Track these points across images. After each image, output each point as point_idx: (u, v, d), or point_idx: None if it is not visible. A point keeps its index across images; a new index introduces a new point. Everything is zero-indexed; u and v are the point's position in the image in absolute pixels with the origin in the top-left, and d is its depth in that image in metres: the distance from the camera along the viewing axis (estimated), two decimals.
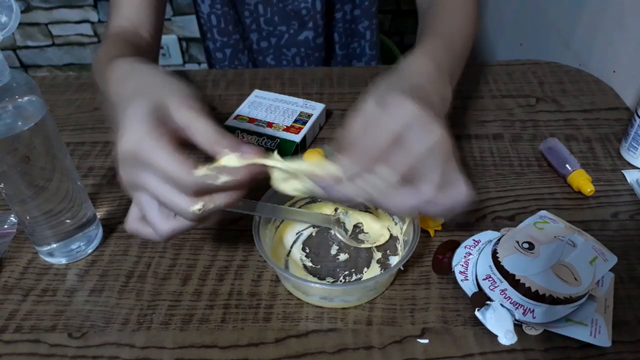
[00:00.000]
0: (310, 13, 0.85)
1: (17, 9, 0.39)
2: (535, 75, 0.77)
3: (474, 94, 0.73)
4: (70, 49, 1.88)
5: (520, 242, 0.44)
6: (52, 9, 1.76)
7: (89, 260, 0.52)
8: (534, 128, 0.67)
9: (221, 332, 0.45)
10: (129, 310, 0.47)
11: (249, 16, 0.87)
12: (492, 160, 0.62)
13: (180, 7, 1.76)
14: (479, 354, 0.42)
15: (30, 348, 0.44)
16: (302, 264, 0.50)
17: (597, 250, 0.44)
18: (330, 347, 0.43)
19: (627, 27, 0.71)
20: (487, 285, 0.44)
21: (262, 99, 0.68)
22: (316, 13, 0.85)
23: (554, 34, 0.96)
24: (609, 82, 0.75)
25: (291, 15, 0.86)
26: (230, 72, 0.80)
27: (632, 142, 0.60)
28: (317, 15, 0.86)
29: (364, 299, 0.46)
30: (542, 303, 0.41)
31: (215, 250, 0.52)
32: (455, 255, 0.48)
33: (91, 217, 0.52)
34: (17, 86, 0.41)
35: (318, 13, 0.85)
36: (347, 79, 0.77)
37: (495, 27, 1.29)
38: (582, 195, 0.57)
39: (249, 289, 0.48)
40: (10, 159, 0.43)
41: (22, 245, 0.53)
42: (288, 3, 0.85)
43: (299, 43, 0.90)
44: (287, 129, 0.63)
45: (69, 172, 0.48)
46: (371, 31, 0.93)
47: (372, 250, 0.51)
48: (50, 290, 0.49)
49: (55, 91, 0.76)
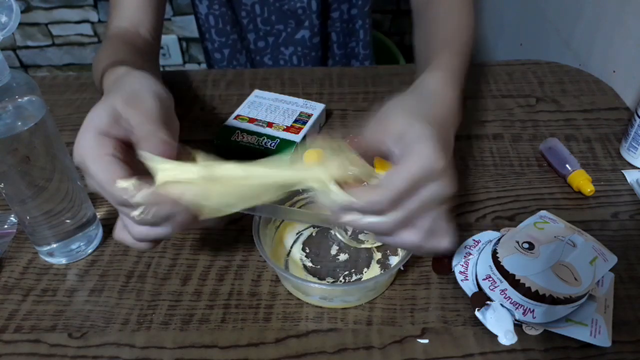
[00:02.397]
0: (306, 12, 0.86)
1: (17, 9, 0.39)
2: (535, 75, 0.77)
3: (474, 94, 0.73)
4: (70, 49, 1.88)
5: (520, 242, 0.44)
6: (52, 9, 1.76)
7: (89, 260, 0.52)
8: (534, 128, 0.67)
9: (221, 332, 0.45)
10: (129, 310, 0.47)
11: (245, 16, 0.87)
12: (492, 160, 0.62)
13: (180, 7, 1.76)
14: (479, 354, 0.42)
15: (30, 348, 0.44)
16: (302, 264, 0.50)
17: (597, 250, 0.44)
18: (330, 347, 0.43)
19: (627, 27, 0.71)
20: (487, 285, 0.44)
21: (262, 99, 0.68)
22: (312, 12, 0.85)
23: (554, 34, 0.96)
24: (609, 82, 0.75)
25: (288, 14, 0.86)
26: (230, 72, 0.80)
27: (632, 142, 0.60)
28: (313, 15, 0.86)
29: (364, 299, 0.46)
30: (542, 303, 0.41)
31: (215, 250, 0.52)
32: (455, 255, 0.48)
33: (91, 217, 0.52)
34: (17, 86, 0.41)
35: (314, 12, 0.85)
36: (347, 78, 0.77)
37: (495, 27, 1.29)
38: (582, 195, 0.57)
39: (249, 289, 0.48)
40: (10, 159, 0.43)
41: (22, 245, 0.53)
42: (284, 2, 0.85)
43: (295, 42, 0.90)
44: (287, 129, 0.63)
45: (69, 172, 0.48)
46: (364, 30, 0.93)
47: (372, 250, 0.51)
48: (50, 290, 0.49)
49: (55, 91, 0.76)
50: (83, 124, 0.38)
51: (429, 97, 0.44)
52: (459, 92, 0.47)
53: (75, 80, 0.79)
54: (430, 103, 0.43)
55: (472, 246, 0.48)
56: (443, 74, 0.47)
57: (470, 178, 0.59)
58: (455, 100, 0.45)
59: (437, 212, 0.38)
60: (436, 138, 0.38)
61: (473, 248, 0.48)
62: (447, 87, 0.46)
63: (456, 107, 0.45)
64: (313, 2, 0.84)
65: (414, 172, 0.37)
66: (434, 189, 0.37)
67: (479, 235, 0.50)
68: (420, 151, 0.37)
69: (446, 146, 0.39)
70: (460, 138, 0.65)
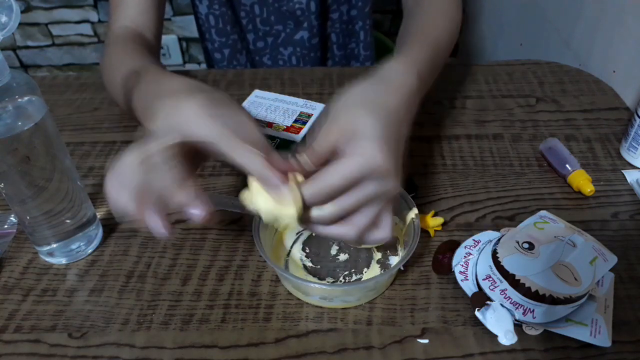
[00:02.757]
0: (305, 14, 0.85)
1: (17, 9, 0.39)
2: (535, 75, 0.77)
3: (474, 94, 0.73)
4: (70, 49, 1.88)
5: (520, 242, 0.44)
6: (52, 9, 1.76)
7: (89, 260, 0.52)
8: (534, 128, 0.67)
9: (221, 332, 0.45)
10: (129, 310, 0.47)
11: (245, 16, 0.87)
12: (492, 160, 0.62)
13: (180, 7, 1.76)
14: (479, 354, 0.42)
15: (30, 348, 0.44)
16: (302, 264, 0.50)
17: (597, 250, 0.44)
18: (330, 347, 0.43)
19: (627, 27, 0.71)
20: (487, 285, 0.44)
21: (262, 99, 0.68)
22: (310, 14, 0.85)
23: (554, 34, 0.96)
24: (609, 82, 0.75)
25: (286, 15, 0.86)
26: (230, 72, 0.80)
27: (632, 142, 0.60)
28: (312, 16, 0.86)
29: (364, 299, 0.46)
30: (542, 303, 0.41)
31: (215, 250, 0.52)
32: (455, 255, 0.48)
33: (91, 217, 0.52)
34: (17, 86, 0.41)
35: (312, 14, 0.85)
36: (347, 79, 0.77)
37: (495, 27, 1.29)
38: (582, 195, 0.57)
39: (249, 289, 0.48)
40: (10, 159, 0.43)
41: (22, 245, 0.53)
42: (283, 3, 0.85)
43: (294, 43, 0.90)
44: (287, 129, 0.63)
45: (69, 172, 0.48)
46: (364, 32, 0.92)
47: (372, 250, 0.51)
48: (50, 290, 0.49)
49: (55, 91, 0.76)
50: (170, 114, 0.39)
51: (384, 86, 0.44)
52: (420, 82, 0.47)
53: (75, 80, 0.79)
54: (384, 92, 0.43)
55: (472, 246, 0.48)
56: (404, 62, 0.48)
57: (470, 178, 0.59)
58: (412, 89, 0.45)
59: (377, 207, 0.40)
60: (384, 136, 0.39)
61: (473, 248, 0.48)
62: (405, 75, 0.46)
63: (413, 96, 0.45)
64: (312, 3, 0.84)
65: (351, 170, 0.38)
66: (374, 187, 0.38)
67: (479, 235, 0.50)
68: (364, 150, 0.38)
69: (394, 143, 0.40)
70: (460, 138, 0.65)
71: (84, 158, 0.64)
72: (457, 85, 0.75)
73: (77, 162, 0.63)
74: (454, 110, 0.70)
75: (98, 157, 0.64)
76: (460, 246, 0.49)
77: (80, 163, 0.63)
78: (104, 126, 0.69)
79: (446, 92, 0.73)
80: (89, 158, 0.64)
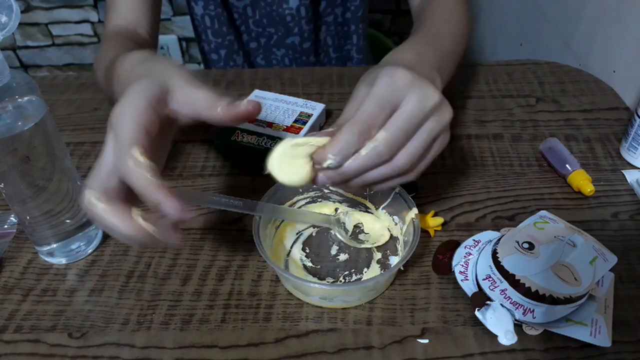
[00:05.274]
0: (295, 19, 0.85)
1: (17, 9, 0.39)
2: (535, 75, 0.77)
3: (474, 94, 0.73)
4: (70, 49, 1.88)
5: (520, 242, 0.44)
6: (52, 9, 1.76)
7: (89, 260, 0.52)
8: (534, 128, 0.67)
9: (221, 332, 0.45)
10: (129, 310, 0.47)
11: (238, 18, 0.87)
12: (492, 160, 0.62)
13: (180, 7, 1.76)
14: (479, 354, 0.42)
15: (30, 348, 0.44)
16: (302, 264, 0.50)
17: (597, 250, 0.44)
18: (330, 347, 0.43)
19: (627, 27, 0.71)
20: (487, 285, 0.44)
21: (262, 99, 0.68)
22: (301, 19, 0.85)
23: (554, 34, 0.96)
24: (609, 82, 0.75)
25: (277, 20, 0.86)
26: (230, 72, 0.80)
27: (632, 142, 0.60)
28: (302, 21, 0.85)
29: (364, 299, 0.46)
30: (542, 303, 0.41)
31: (215, 250, 0.52)
32: (455, 255, 0.48)
33: None
34: (17, 86, 0.41)
35: (303, 18, 0.85)
36: (347, 79, 0.77)
37: (495, 27, 1.29)
38: (582, 195, 0.57)
39: (249, 289, 0.48)
40: (10, 159, 0.43)
41: (22, 245, 0.53)
42: (273, 9, 0.85)
43: (287, 46, 0.90)
44: (287, 129, 0.63)
45: (69, 172, 0.48)
46: (358, 35, 0.92)
47: (372, 250, 0.51)
48: (50, 290, 0.49)
49: (55, 91, 0.76)
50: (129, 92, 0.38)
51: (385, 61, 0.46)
52: (426, 59, 0.48)
53: (75, 80, 0.79)
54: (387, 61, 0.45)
55: (472, 246, 0.48)
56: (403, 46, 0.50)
57: (470, 178, 0.59)
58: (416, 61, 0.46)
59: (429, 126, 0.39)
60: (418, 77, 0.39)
61: (473, 248, 0.48)
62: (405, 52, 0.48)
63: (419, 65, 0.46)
64: (302, 8, 0.84)
65: (412, 110, 0.37)
66: (420, 100, 0.38)
67: (479, 235, 0.49)
68: (380, 76, 0.38)
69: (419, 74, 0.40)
70: (460, 138, 0.65)
71: (84, 158, 0.64)
72: (457, 85, 0.75)
73: (77, 162, 0.63)
74: (454, 110, 0.70)
75: (98, 157, 0.64)
76: (460, 246, 0.49)
77: (80, 163, 0.63)
78: (104, 126, 0.68)
79: (446, 92, 0.73)
80: (89, 158, 0.64)
